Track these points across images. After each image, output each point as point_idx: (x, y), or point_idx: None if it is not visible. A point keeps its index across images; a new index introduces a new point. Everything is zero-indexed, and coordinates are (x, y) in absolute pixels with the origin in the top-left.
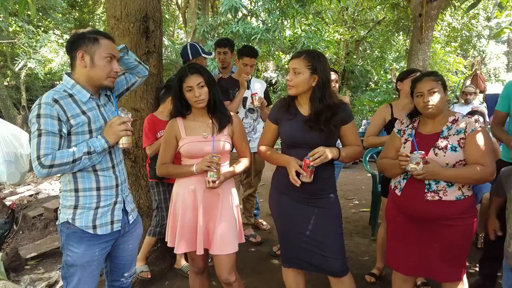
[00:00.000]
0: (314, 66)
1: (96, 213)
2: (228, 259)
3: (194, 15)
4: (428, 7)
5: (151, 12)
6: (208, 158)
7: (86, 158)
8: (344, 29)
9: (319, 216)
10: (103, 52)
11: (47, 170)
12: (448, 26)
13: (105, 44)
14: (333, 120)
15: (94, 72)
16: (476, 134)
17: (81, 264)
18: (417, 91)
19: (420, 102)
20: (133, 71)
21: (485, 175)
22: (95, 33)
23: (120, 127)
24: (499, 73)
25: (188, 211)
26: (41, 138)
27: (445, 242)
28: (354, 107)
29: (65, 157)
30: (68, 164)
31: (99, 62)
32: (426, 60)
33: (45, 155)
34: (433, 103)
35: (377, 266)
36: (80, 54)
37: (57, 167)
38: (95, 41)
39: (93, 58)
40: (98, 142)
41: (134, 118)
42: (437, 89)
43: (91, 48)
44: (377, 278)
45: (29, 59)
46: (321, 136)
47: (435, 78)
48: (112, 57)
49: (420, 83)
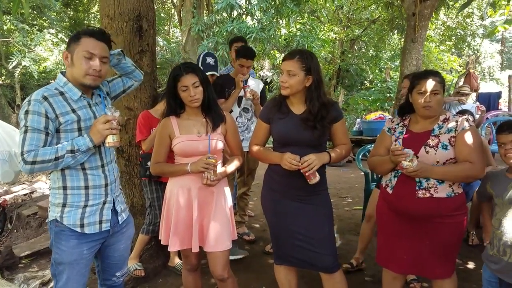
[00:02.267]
0: (308, 67)
1: (84, 212)
2: (222, 256)
3: (190, 13)
4: (422, 6)
5: (144, 11)
6: (204, 159)
7: (70, 156)
8: (339, 28)
9: (311, 213)
10: (80, 50)
11: (29, 167)
12: (442, 25)
13: (85, 42)
14: (326, 118)
15: (74, 71)
16: (466, 133)
17: (69, 262)
18: (420, 88)
19: (420, 100)
20: (130, 75)
21: (475, 173)
22: (85, 31)
23: (104, 126)
24: (494, 72)
25: (182, 209)
26: (27, 134)
27: (436, 239)
28: (349, 106)
29: (47, 154)
30: (51, 162)
31: (77, 61)
32: (419, 59)
33: (28, 152)
34: (434, 104)
35: (355, 257)
36: (65, 55)
37: (39, 163)
38: (76, 40)
39: (72, 57)
40: (82, 141)
41: (128, 117)
42: (439, 91)
43: (73, 47)
44: (353, 267)
45: (24, 58)
46: (314, 134)
47: (439, 80)
48: (91, 55)
49: (425, 81)
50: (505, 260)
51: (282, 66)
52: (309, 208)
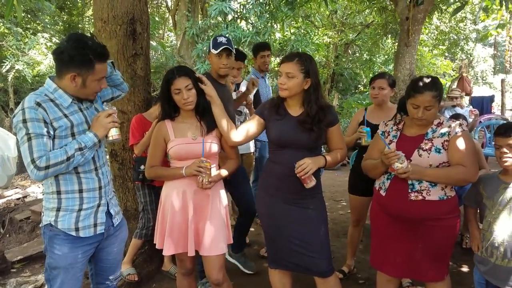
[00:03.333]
0: (307, 70)
1: (79, 216)
2: (218, 260)
3: (184, 17)
4: (415, 11)
5: (138, 15)
6: (197, 162)
7: (79, 154)
8: (334, 32)
9: (306, 216)
10: (96, 76)
11: (44, 172)
12: (436, 29)
13: (99, 69)
14: (323, 121)
15: (83, 92)
16: (458, 137)
17: (64, 266)
18: (414, 102)
19: (413, 113)
20: (118, 87)
21: (467, 176)
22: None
23: (107, 119)
24: (487, 76)
25: (178, 213)
26: (32, 141)
27: (429, 242)
28: (343, 109)
29: (58, 156)
30: (63, 163)
31: (91, 85)
32: (413, 63)
33: (39, 157)
34: (427, 117)
35: (347, 263)
36: (72, 77)
37: (53, 167)
38: (90, 66)
39: (85, 81)
40: (87, 137)
41: (122, 120)
42: (434, 106)
43: (84, 72)
44: (345, 274)
45: (17, 61)
46: (311, 137)
47: (435, 95)
48: (102, 78)
49: (421, 96)
50: (492, 261)
51: (280, 68)
52: (304, 212)
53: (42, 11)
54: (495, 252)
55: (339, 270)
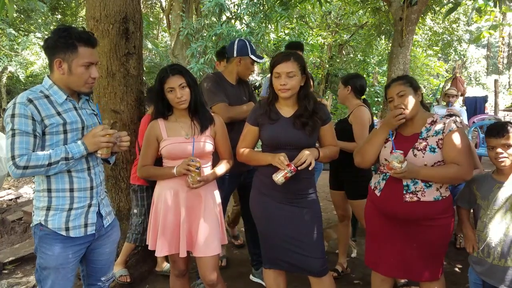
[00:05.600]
0: (303, 66)
1: (69, 215)
2: (212, 261)
3: (178, 17)
4: (409, 11)
5: (131, 14)
6: (186, 161)
7: (63, 163)
8: (328, 33)
9: (300, 216)
10: (80, 60)
11: (21, 171)
12: (429, 30)
13: (83, 52)
14: (316, 116)
15: (72, 80)
16: (453, 134)
17: (54, 266)
18: (388, 97)
19: (391, 107)
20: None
21: (461, 174)
22: (78, 38)
23: (103, 138)
24: (480, 77)
25: (170, 213)
26: (15, 138)
27: (423, 241)
28: (337, 110)
29: (40, 159)
30: (43, 167)
31: (76, 71)
32: (406, 63)
33: (20, 156)
34: (405, 106)
35: (339, 262)
36: (58, 63)
37: (31, 168)
38: (73, 49)
39: (70, 66)
40: (77, 149)
41: (114, 119)
42: (405, 92)
43: (69, 56)
44: (339, 273)
45: (10, 62)
46: (304, 136)
47: (403, 82)
48: (90, 64)
49: (390, 89)
50: (488, 262)
51: (278, 69)
52: (298, 211)
53: (35, 11)
54: (492, 252)
55: (333, 269)
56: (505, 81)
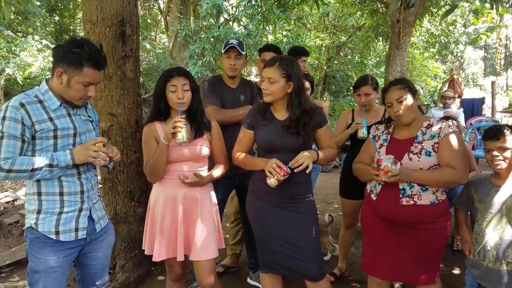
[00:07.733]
0: (288, 74)
1: (59, 219)
2: (208, 265)
3: (176, 19)
4: (406, 13)
5: (128, 17)
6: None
7: (47, 170)
8: (325, 34)
9: (296, 220)
10: (81, 79)
11: (4, 174)
12: (426, 32)
13: (87, 73)
14: (309, 124)
15: (68, 92)
16: (448, 137)
17: (45, 270)
18: (387, 102)
19: (391, 112)
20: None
21: (456, 178)
22: (87, 58)
23: (93, 153)
24: (477, 78)
25: (167, 217)
26: (3, 141)
27: (419, 245)
28: (335, 111)
29: (24, 164)
30: (27, 172)
31: (74, 86)
32: (403, 65)
33: (5, 159)
34: (402, 112)
35: (338, 266)
36: (59, 73)
37: (15, 172)
38: (78, 67)
39: (70, 80)
40: (63, 157)
41: (111, 123)
42: (405, 97)
43: (72, 71)
44: (336, 277)
45: (8, 64)
46: (298, 140)
47: (402, 86)
48: (89, 84)
49: (388, 93)
50: (484, 265)
51: (263, 73)
52: (295, 215)
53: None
54: (488, 256)
55: (330, 273)
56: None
